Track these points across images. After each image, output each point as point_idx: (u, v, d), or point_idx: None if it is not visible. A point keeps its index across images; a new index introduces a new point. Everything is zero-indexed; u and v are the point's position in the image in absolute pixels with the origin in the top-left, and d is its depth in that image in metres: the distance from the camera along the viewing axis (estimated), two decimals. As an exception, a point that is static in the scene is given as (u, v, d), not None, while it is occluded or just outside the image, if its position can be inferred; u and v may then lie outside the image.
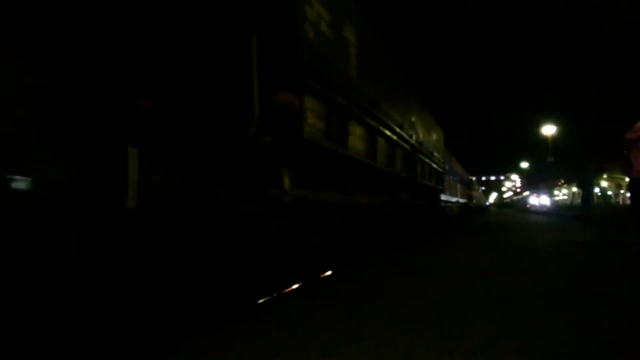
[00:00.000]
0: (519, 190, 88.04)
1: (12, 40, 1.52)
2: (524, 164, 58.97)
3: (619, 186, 43.32)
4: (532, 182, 56.71)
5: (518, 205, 54.16)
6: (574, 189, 44.10)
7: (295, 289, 3.36)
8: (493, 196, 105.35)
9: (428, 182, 8.11)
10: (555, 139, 29.45)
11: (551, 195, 47.07)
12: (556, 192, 55.04)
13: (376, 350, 1.90)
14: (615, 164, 29.87)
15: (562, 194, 57.78)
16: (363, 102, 4.23)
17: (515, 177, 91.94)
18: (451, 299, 2.85)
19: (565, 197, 54.96)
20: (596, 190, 36.39)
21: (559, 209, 30.72)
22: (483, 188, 71.97)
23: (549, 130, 28.97)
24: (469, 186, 22.88)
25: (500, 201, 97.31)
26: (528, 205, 46.41)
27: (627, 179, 6.01)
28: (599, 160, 31.99)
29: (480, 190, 44.43)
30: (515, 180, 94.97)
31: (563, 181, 52.58)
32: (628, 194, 8.52)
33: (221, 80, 2.47)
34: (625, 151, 5.75)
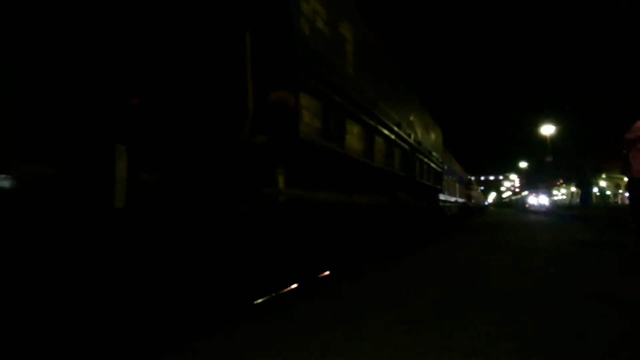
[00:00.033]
0: (517, 190, 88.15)
1: None
2: (523, 164, 59.14)
3: (618, 186, 43.42)
4: (531, 182, 56.76)
5: (517, 205, 54.17)
6: (573, 189, 44.14)
7: (295, 289, 3.35)
8: (492, 196, 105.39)
9: (427, 182, 8.08)
10: (554, 139, 29.54)
11: (550, 195, 47.05)
12: (555, 192, 55.13)
13: (376, 350, 1.89)
14: (613, 163, 29.92)
15: (561, 194, 57.89)
16: (361, 101, 4.18)
17: (514, 177, 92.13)
18: (451, 299, 2.86)
19: (564, 197, 55.05)
20: (595, 190, 36.39)
21: (557, 208, 30.72)
22: (482, 188, 71.98)
23: (547, 130, 29.04)
24: (467, 186, 22.88)
25: (499, 201, 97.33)
26: (527, 205, 46.37)
27: (626, 179, 6.02)
28: (597, 160, 32.06)
29: (479, 190, 44.43)
30: (514, 180, 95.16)
31: (562, 181, 52.68)
32: (627, 194, 8.54)
33: (214, 77, 2.42)
34: (624, 151, 5.77)
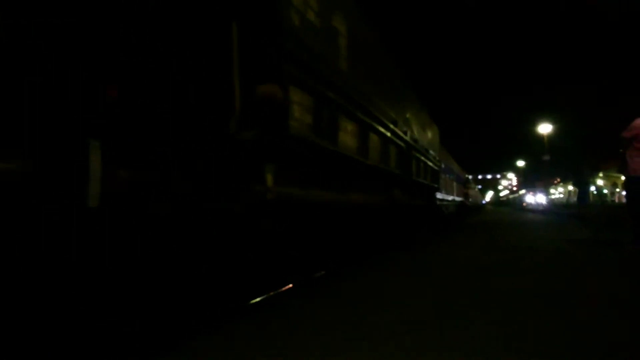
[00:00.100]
0: (515, 188, 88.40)
1: None
2: (520, 163, 59.28)
3: (615, 185, 43.58)
4: (529, 181, 57.01)
5: (514, 204, 54.27)
6: (570, 188, 44.25)
7: (295, 289, 3.34)
8: (489, 195, 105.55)
9: (423, 180, 8.04)
10: (551, 138, 29.57)
11: (547, 193, 47.20)
12: (552, 191, 55.26)
13: (376, 350, 1.89)
14: (611, 162, 30.03)
15: (558, 193, 58.10)
16: (355, 96, 4.07)
17: (511, 176, 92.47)
18: (451, 299, 2.85)
19: (561, 196, 55.27)
20: (592, 188, 36.51)
21: (555, 207, 30.83)
22: (479, 186, 72.14)
23: (545, 128, 29.08)
24: (465, 184, 22.89)
25: (496, 200, 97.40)
26: (524, 204, 46.50)
27: (623, 178, 6.03)
28: (595, 158, 32.12)
29: (476, 189, 44.47)
30: (511, 178, 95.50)
31: (559, 180, 52.83)
32: (624, 193, 8.56)
33: (199, 70, 2.31)
34: (621, 150, 5.78)
